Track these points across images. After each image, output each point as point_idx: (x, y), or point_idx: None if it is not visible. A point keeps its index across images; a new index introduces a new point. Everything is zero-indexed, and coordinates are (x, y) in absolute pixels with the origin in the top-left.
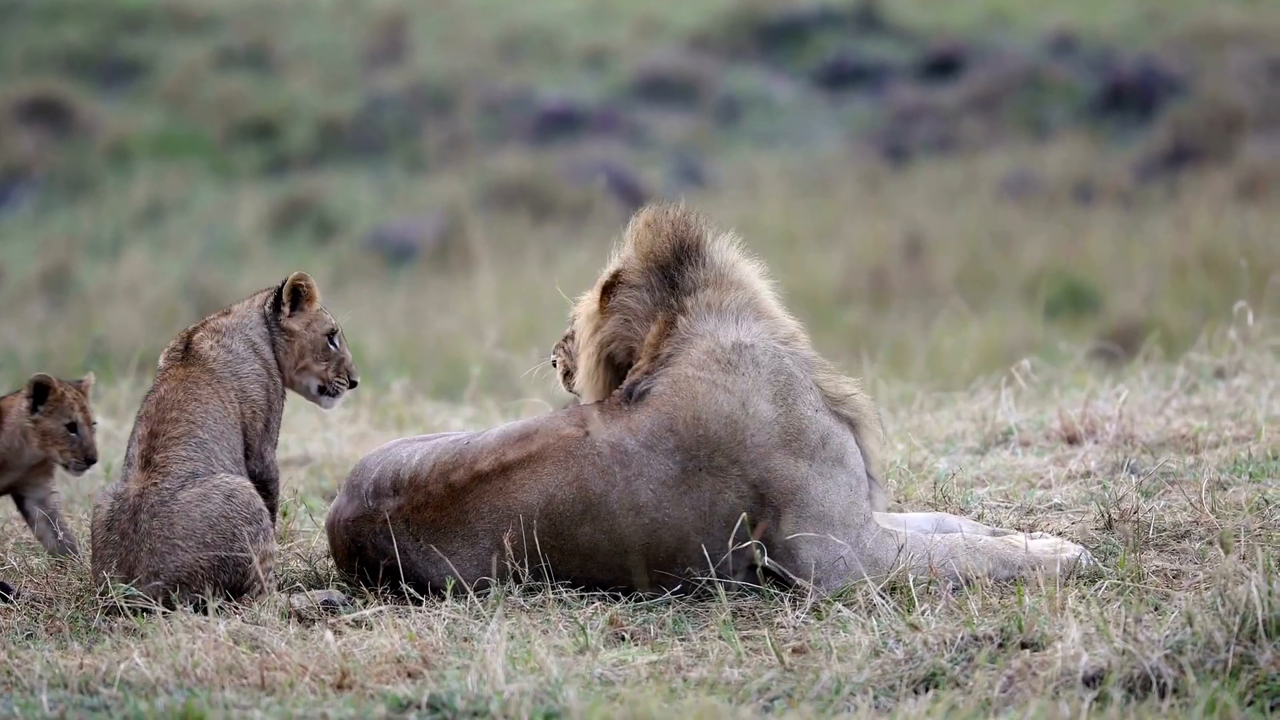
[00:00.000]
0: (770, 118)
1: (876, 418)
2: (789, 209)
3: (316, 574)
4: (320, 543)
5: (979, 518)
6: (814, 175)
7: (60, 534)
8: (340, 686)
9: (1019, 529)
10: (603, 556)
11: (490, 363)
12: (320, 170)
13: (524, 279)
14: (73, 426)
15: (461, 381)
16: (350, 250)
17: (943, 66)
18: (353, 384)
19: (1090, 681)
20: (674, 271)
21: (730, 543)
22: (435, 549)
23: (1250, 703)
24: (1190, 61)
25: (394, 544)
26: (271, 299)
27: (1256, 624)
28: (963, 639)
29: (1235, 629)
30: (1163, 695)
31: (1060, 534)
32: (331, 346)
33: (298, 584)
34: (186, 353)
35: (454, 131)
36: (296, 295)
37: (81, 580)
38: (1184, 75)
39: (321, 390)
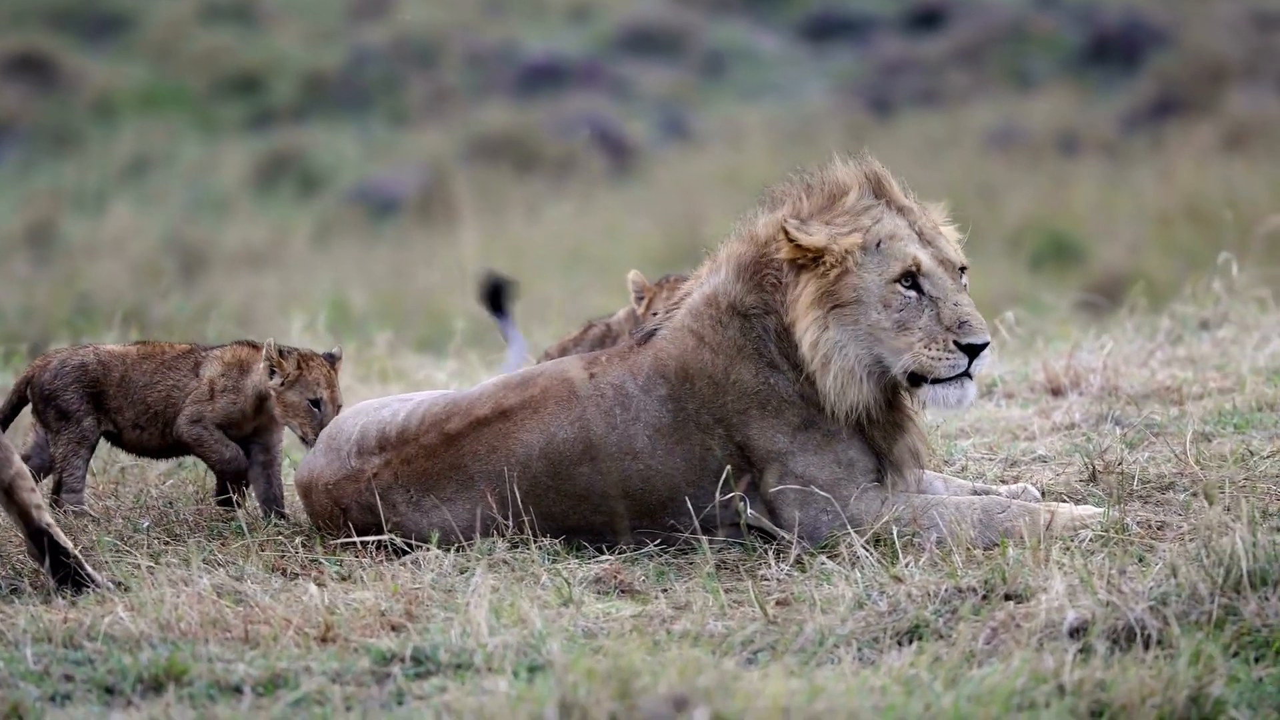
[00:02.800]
0: (755, 70)
1: (892, 424)
2: (773, 161)
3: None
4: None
5: (963, 470)
6: (798, 127)
7: (272, 486)
8: (324, 640)
9: (1003, 481)
10: (596, 499)
11: (474, 316)
12: (304, 124)
13: (508, 232)
14: (316, 403)
15: (445, 335)
16: (334, 204)
17: (927, 19)
18: None
19: (1074, 633)
20: (761, 206)
21: (717, 492)
22: (428, 498)
23: (1235, 654)
24: (1175, 12)
25: (380, 501)
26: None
27: (1241, 575)
28: (946, 591)
29: (1220, 580)
30: (1147, 647)
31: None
32: None
33: None
34: None
35: (438, 85)
36: None
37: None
38: (1169, 26)
39: None
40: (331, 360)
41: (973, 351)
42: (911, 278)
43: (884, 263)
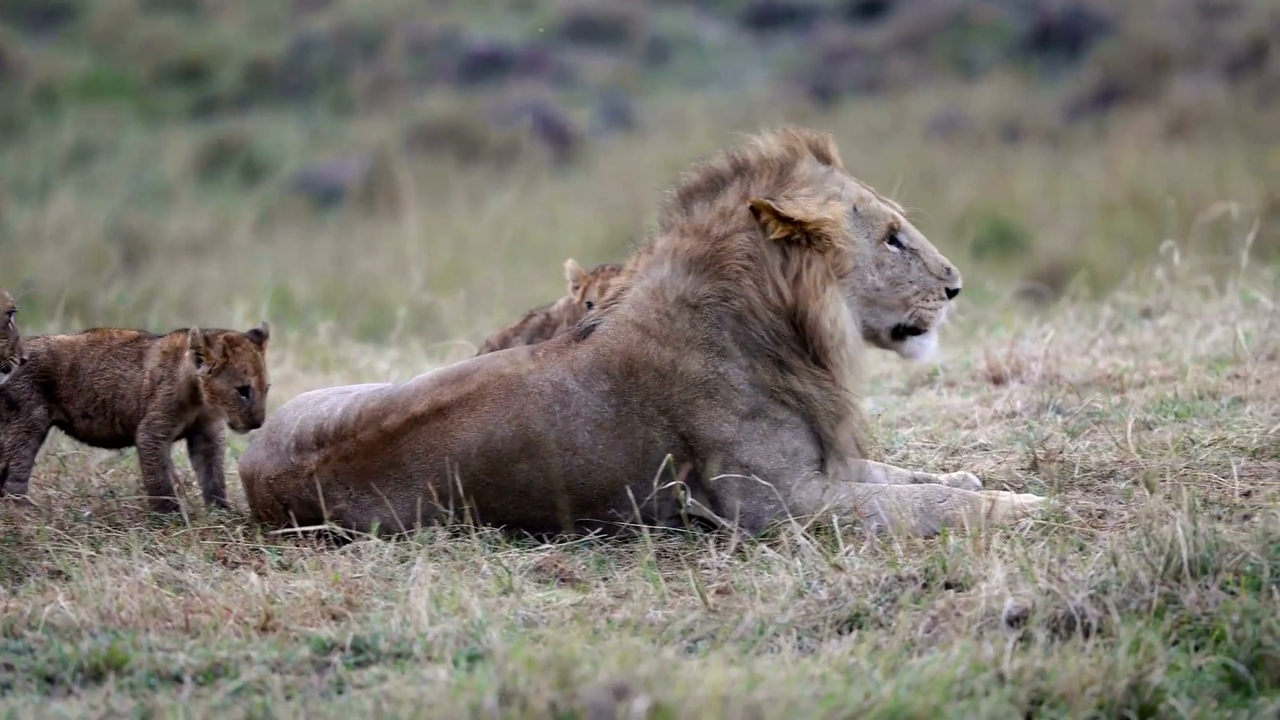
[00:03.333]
0: (698, 59)
1: (837, 409)
2: (717, 150)
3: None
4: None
5: (904, 459)
6: (742, 116)
7: (213, 475)
8: (264, 629)
9: (944, 470)
10: (536, 494)
11: (416, 304)
12: (248, 112)
13: (450, 221)
14: (244, 390)
15: (388, 323)
16: (277, 192)
17: (870, 7)
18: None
19: (1014, 622)
20: (695, 194)
21: (656, 483)
22: (367, 495)
23: (1175, 642)
24: (1118, 1)
25: (320, 497)
26: None
27: (1181, 564)
28: (887, 580)
29: (1160, 569)
30: (1087, 635)
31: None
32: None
33: None
34: None
35: (381, 73)
36: None
37: (7, 524)
38: (1112, 15)
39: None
40: (259, 339)
41: (953, 296)
42: (893, 234)
43: (868, 225)
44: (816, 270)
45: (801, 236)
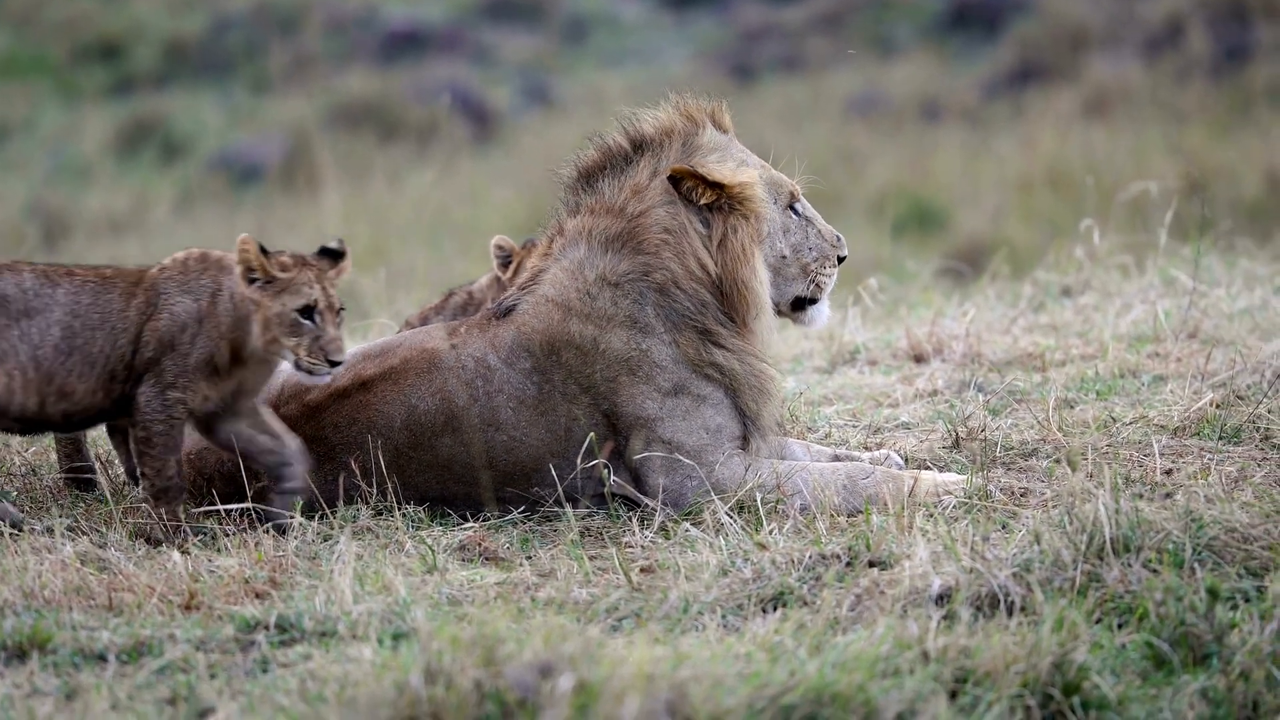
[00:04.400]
0: (617, 37)
1: (760, 384)
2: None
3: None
4: None
5: (827, 437)
6: (660, 94)
7: (133, 458)
8: (188, 607)
9: (866, 448)
10: (459, 469)
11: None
12: (166, 91)
13: (370, 199)
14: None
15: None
16: (196, 171)
17: None
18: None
19: (939, 600)
20: (597, 173)
21: (579, 460)
22: None
23: (1098, 620)
24: None
25: (242, 471)
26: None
27: (1104, 542)
28: (810, 558)
29: (1083, 547)
30: (1010, 613)
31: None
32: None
33: None
34: None
35: (300, 51)
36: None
37: None
38: None
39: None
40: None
41: (841, 263)
42: (793, 202)
43: (774, 192)
44: (743, 235)
45: (725, 202)
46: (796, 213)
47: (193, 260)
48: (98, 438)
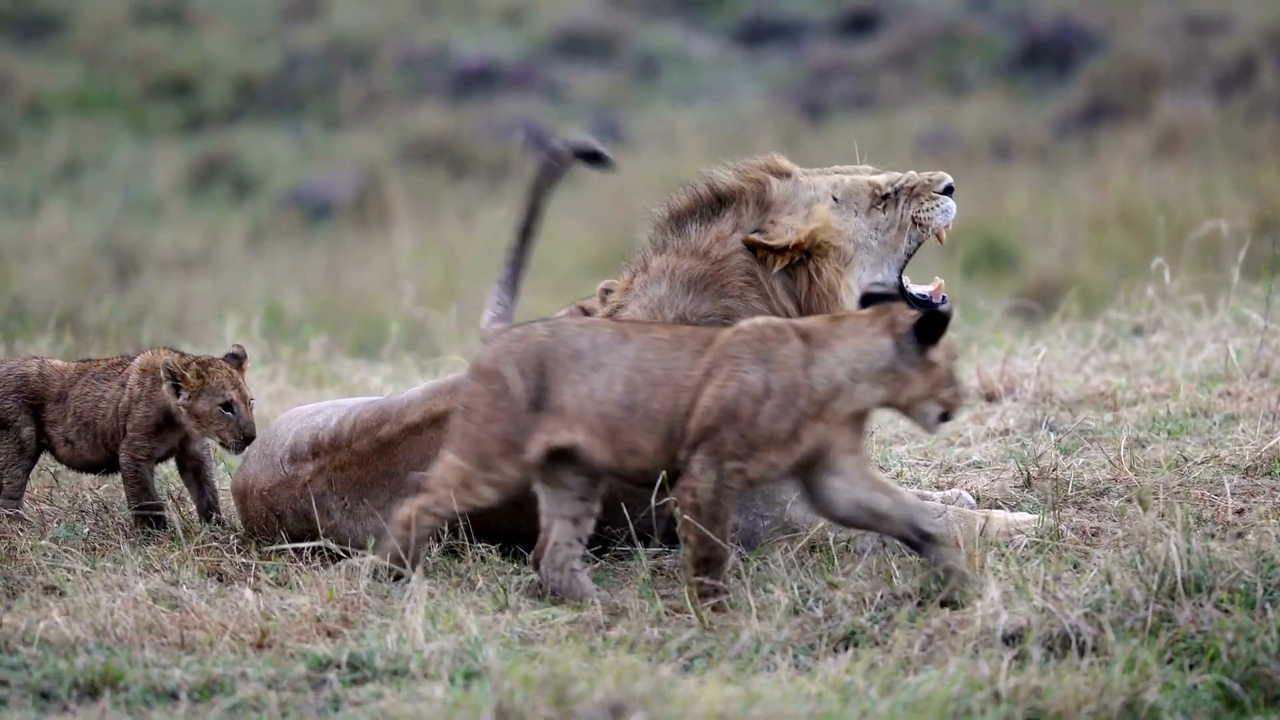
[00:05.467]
0: (688, 74)
1: None
2: (708, 165)
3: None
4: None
5: (898, 476)
6: (732, 131)
7: (205, 493)
8: (260, 645)
9: (938, 487)
10: (531, 507)
11: (409, 320)
12: (237, 127)
13: (442, 236)
14: (228, 406)
15: (380, 339)
16: (268, 207)
17: (860, 23)
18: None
19: (1010, 640)
20: (686, 217)
21: (653, 499)
22: (362, 504)
23: (1169, 660)
24: (1107, 16)
25: (315, 508)
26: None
27: (1175, 582)
28: (882, 597)
29: (1154, 587)
30: (1082, 653)
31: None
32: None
33: None
34: None
35: (371, 88)
36: None
37: (1, 539)
38: (1101, 30)
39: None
40: (235, 360)
41: (949, 193)
42: (878, 196)
43: (853, 204)
44: (828, 273)
45: (801, 256)
46: (885, 200)
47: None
48: (169, 474)
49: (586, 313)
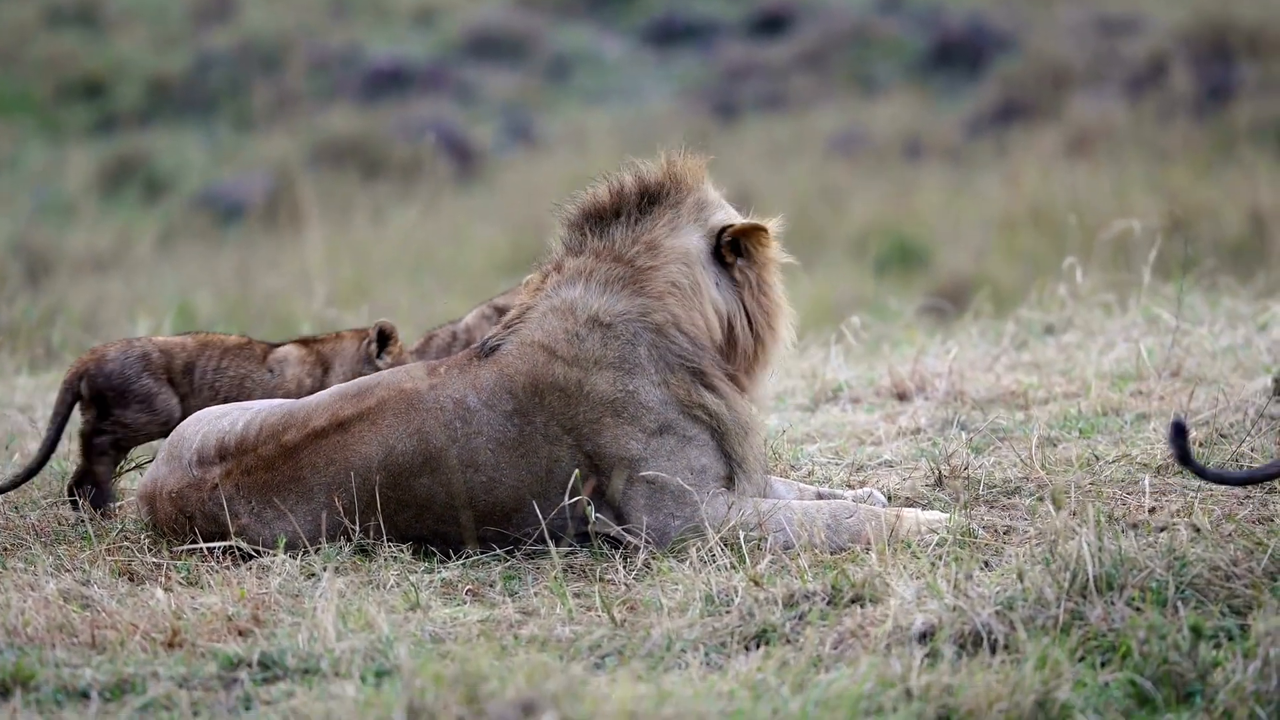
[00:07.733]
0: (599, 75)
1: (745, 429)
2: (617, 165)
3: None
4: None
5: (809, 475)
6: (643, 132)
7: None
8: (171, 645)
9: (849, 486)
10: (439, 509)
11: (320, 320)
12: (149, 129)
13: (353, 237)
14: None
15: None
16: (180, 209)
17: (771, 23)
18: None
19: (922, 638)
20: (610, 217)
21: (564, 498)
22: (269, 509)
23: (1081, 658)
24: (1019, 18)
25: (224, 510)
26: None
27: (1087, 580)
28: (794, 596)
29: (1066, 585)
30: (994, 651)
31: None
32: None
33: None
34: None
35: (283, 89)
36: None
37: None
38: (1012, 31)
39: None
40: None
41: None
42: None
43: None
44: (772, 271)
45: (755, 253)
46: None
47: None
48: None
49: (501, 311)
